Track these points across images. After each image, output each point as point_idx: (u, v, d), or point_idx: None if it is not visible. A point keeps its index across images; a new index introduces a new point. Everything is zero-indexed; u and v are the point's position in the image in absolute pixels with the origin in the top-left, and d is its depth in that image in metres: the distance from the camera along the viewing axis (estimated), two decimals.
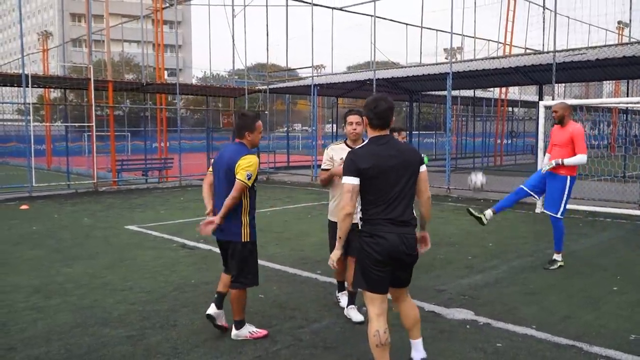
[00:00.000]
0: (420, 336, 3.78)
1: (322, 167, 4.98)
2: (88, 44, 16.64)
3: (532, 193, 6.90)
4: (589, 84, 33.05)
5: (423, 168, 3.56)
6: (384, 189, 3.38)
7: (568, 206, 6.72)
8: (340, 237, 3.50)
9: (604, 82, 28.52)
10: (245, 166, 4.26)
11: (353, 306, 4.91)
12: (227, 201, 4.25)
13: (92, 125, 15.47)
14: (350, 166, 3.40)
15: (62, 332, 4.58)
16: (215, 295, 4.58)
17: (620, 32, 31.00)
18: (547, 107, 11.00)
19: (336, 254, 3.59)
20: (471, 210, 6.70)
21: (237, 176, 4.25)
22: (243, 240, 4.35)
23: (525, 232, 9.09)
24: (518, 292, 5.68)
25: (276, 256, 7.33)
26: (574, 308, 5.16)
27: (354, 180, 3.37)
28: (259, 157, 4.88)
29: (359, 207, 3.54)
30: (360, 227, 3.53)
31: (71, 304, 5.33)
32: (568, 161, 6.46)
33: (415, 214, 3.58)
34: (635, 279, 6.18)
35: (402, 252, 3.40)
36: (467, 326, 4.70)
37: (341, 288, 5.23)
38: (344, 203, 3.41)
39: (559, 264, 6.64)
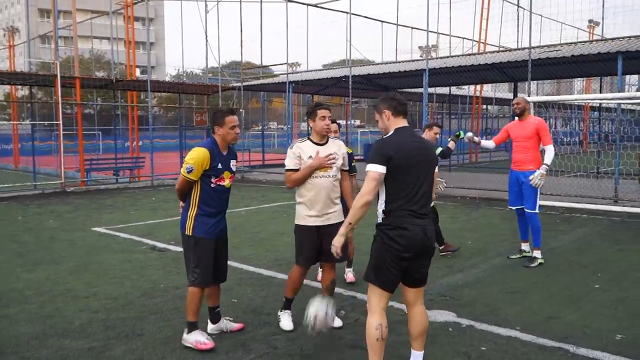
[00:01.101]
0: (424, 349, 3.58)
1: (290, 167, 4.46)
2: (54, 39, 16.04)
3: (522, 207, 6.82)
4: (560, 82, 33.46)
5: (436, 169, 3.53)
6: (409, 181, 3.34)
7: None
8: (350, 223, 3.35)
9: (575, 80, 28.83)
10: (187, 159, 4.16)
11: None
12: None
13: (59, 124, 14.94)
14: (380, 153, 3.32)
15: (18, 345, 4.24)
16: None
17: (591, 31, 31.47)
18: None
19: (340, 240, 3.43)
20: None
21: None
22: (186, 232, 4.21)
23: (504, 229, 8.99)
24: (500, 292, 5.53)
25: (250, 257, 7.07)
26: (557, 307, 5.02)
27: (381, 169, 3.29)
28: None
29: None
30: (381, 221, 3.40)
31: (30, 313, 4.99)
32: (550, 161, 6.55)
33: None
34: (615, 276, 6.09)
35: (425, 244, 3.37)
36: (450, 329, 4.51)
37: (287, 306, 4.63)
38: (366, 190, 3.28)
39: (539, 261, 6.54)
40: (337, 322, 4.53)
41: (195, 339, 4.14)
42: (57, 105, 15.01)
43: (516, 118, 6.89)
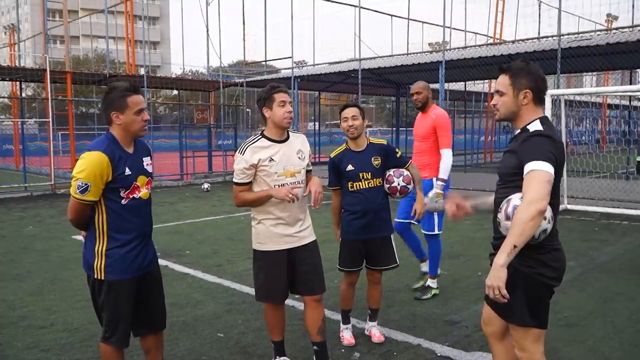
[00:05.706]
0: None
1: (238, 180, 3.35)
2: (43, 34, 15.13)
3: (409, 221, 5.16)
4: (569, 77, 32.27)
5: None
6: (558, 189, 2.52)
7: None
8: (515, 247, 2.28)
9: (584, 75, 27.59)
10: (75, 172, 2.81)
11: None
12: None
13: (49, 121, 14.02)
14: (550, 151, 2.38)
15: None
16: None
17: (609, 26, 30.27)
18: (553, 97, 9.88)
19: (502, 275, 2.29)
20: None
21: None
22: (96, 276, 2.92)
23: None
24: (553, 324, 4.40)
25: (247, 274, 5.97)
26: (630, 348, 3.93)
27: (553, 171, 2.36)
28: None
29: None
30: (535, 243, 2.43)
31: None
32: (444, 174, 4.92)
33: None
34: None
35: None
36: None
37: (280, 351, 3.64)
38: (540, 195, 2.27)
39: (433, 292, 5.21)
40: None
41: None
42: (46, 102, 14.10)
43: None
